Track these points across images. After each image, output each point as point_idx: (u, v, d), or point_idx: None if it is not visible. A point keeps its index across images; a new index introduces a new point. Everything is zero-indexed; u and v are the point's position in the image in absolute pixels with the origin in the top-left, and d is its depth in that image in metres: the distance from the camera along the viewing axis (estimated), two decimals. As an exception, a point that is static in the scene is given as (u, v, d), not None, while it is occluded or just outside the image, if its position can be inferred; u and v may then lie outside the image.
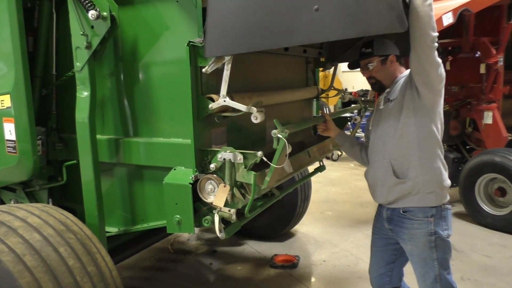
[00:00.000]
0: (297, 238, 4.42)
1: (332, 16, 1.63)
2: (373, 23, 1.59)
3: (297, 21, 1.67)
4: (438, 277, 2.09)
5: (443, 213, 2.09)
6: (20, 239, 1.72)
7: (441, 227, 2.07)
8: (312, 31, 1.67)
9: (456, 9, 4.24)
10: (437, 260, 2.07)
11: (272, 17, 1.71)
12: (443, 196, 2.10)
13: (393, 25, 1.57)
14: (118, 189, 2.39)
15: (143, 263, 3.89)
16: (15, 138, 2.24)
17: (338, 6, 1.61)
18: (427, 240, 2.06)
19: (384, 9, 1.56)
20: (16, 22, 2.13)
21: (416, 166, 2.07)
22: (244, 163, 1.89)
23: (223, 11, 1.79)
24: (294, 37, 1.71)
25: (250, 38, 1.77)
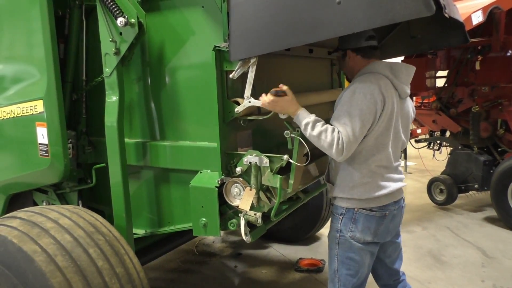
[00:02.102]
0: (322, 242, 4.38)
1: (355, 7, 1.60)
2: (399, 9, 1.55)
3: (320, 16, 1.66)
4: (337, 272, 2.14)
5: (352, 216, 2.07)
6: (52, 240, 1.77)
7: (346, 227, 2.08)
8: (336, 25, 1.65)
9: (486, 7, 4.13)
10: (338, 256, 2.12)
11: (295, 14, 1.70)
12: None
13: (420, 9, 1.53)
14: (145, 192, 2.43)
15: (169, 264, 3.94)
16: (47, 141, 2.31)
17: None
18: (334, 235, 2.14)
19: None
20: (48, 30, 2.20)
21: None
22: (270, 167, 1.89)
23: (245, 13, 1.80)
24: (318, 32, 1.69)
25: (274, 37, 1.76)
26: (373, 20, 1.60)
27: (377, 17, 1.59)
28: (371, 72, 2.04)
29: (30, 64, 2.35)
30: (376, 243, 2.14)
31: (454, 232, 4.55)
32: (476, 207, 5.35)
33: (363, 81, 1.97)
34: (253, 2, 1.78)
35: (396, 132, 2.08)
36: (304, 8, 1.68)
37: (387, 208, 2.08)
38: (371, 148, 1.99)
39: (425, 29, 2.97)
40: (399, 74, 2.07)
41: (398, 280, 2.41)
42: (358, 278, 2.13)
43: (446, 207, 5.34)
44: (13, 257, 1.71)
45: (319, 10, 1.66)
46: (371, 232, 2.07)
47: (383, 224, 2.09)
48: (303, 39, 1.75)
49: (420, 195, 5.89)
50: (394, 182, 2.09)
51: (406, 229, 4.60)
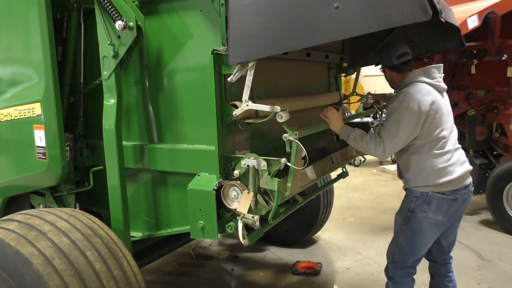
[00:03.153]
0: (319, 244, 4.39)
1: (353, 11, 1.62)
2: (396, 14, 1.57)
3: (318, 20, 1.67)
4: (399, 246, 2.49)
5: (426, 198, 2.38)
6: (49, 243, 1.76)
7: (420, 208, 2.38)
8: (334, 29, 1.66)
9: (482, 12, 4.16)
10: (404, 232, 2.47)
11: (293, 19, 1.71)
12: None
13: (417, 14, 1.55)
14: (143, 195, 2.43)
15: (166, 267, 3.93)
16: (45, 144, 2.30)
17: (358, 1, 1.61)
18: (405, 214, 2.46)
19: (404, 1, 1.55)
20: (46, 32, 2.20)
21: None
22: (267, 170, 1.89)
23: (243, 17, 1.81)
24: (316, 37, 1.70)
25: (272, 41, 1.77)
26: (371, 24, 1.62)
27: (374, 21, 1.61)
28: (410, 83, 2.40)
29: (28, 67, 2.35)
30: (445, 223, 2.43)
31: (450, 235, 4.57)
32: (472, 210, 5.38)
33: (407, 92, 2.35)
34: (252, 7, 1.79)
35: (450, 120, 2.44)
36: (302, 13, 1.69)
37: (458, 192, 2.38)
38: (432, 141, 2.34)
39: (422, 33, 3.00)
40: (433, 75, 2.42)
41: (445, 261, 2.68)
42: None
43: (442, 210, 5.36)
44: (11, 260, 1.70)
45: (317, 15, 1.67)
46: (442, 212, 2.36)
47: (454, 206, 2.38)
48: (301, 43, 1.76)
49: (416, 198, 5.90)
50: (460, 165, 2.40)
51: (402, 232, 4.61)
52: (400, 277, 2.52)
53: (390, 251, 2.55)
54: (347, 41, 3.32)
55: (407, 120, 2.27)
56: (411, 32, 3.05)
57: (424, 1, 1.54)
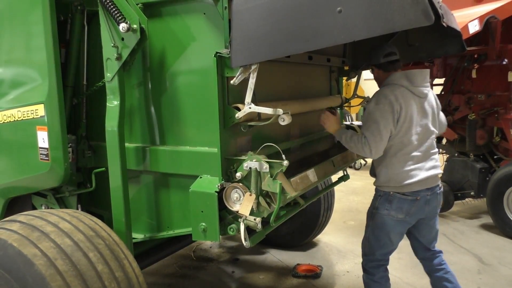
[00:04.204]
0: (319, 247, 4.39)
1: (356, 16, 1.63)
2: (398, 19, 1.58)
3: (321, 24, 1.68)
4: (368, 240, 2.69)
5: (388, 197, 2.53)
6: (52, 244, 1.77)
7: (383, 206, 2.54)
8: (336, 33, 1.68)
9: (483, 17, 4.18)
10: (370, 227, 2.66)
11: (296, 22, 1.72)
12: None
13: (419, 19, 1.57)
14: (145, 196, 2.43)
15: (166, 269, 3.93)
16: (48, 145, 2.31)
17: (361, 6, 1.62)
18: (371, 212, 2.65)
19: (408, 3, 1.56)
20: (50, 34, 2.22)
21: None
22: (269, 172, 1.90)
23: (246, 21, 1.82)
24: (319, 40, 1.71)
25: (274, 45, 1.78)
26: (373, 29, 1.63)
27: (377, 26, 1.62)
28: (388, 84, 2.50)
29: (32, 68, 2.36)
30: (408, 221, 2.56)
31: (450, 239, 4.57)
32: (472, 214, 5.38)
33: (381, 93, 2.47)
34: (255, 10, 1.80)
35: (424, 126, 2.50)
36: (305, 16, 1.70)
37: (419, 193, 2.48)
38: (397, 145, 2.45)
39: (423, 37, 3.01)
40: (414, 80, 2.49)
41: (434, 255, 2.79)
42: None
43: (443, 214, 5.36)
44: (13, 260, 1.71)
45: (319, 19, 1.68)
46: (403, 211, 2.50)
47: (415, 206, 2.49)
48: (304, 47, 1.77)
49: (416, 201, 5.91)
50: (425, 170, 2.48)
51: (403, 236, 4.62)
52: (371, 268, 2.69)
53: (362, 244, 2.76)
54: (348, 44, 3.33)
55: (384, 120, 2.38)
56: (412, 36, 3.06)
57: (427, 6, 1.55)
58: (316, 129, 3.09)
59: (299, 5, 1.71)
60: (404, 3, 1.57)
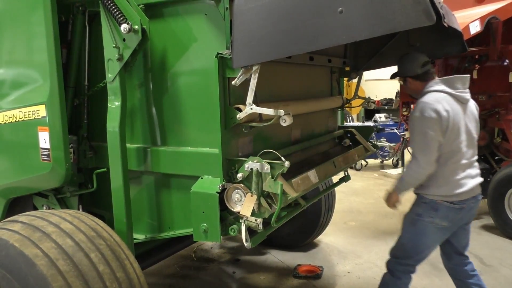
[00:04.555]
0: (320, 248, 4.39)
1: (357, 16, 1.63)
2: (400, 19, 1.59)
3: (322, 24, 1.68)
4: (404, 245, 2.60)
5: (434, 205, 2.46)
6: (53, 244, 1.78)
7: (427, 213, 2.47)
8: (338, 33, 1.68)
9: (484, 17, 4.17)
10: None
11: (297, 23, 1.72)
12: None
13: (420, 19, 1.57)
14: (146, 197, 2.43)
15: (167, 270, 3.93)
16: (49, 146, 2.32)
17: (362, 6, 1.62)
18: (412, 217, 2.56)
19: (409, 3, 1.56)
20: (52, 35, 2.22)
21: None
22: (271, 173, 1.90)
23: (248, 21, 1.82)
24: (320, 41, 1.71)
25: (276, 45, 1.78)
26: (375, 29, 1.63)
27: (378, 26, 1.62)
28: (429, 92, 2.44)
29: (33, 69, 2.36)
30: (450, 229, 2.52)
31: (451, 240, 4.56)
32: (473, 215, 5.37)
33: (425, 102, 2.39)
34: (256, 11, 1.80)
35: (469, 133, 2.46)
36: (307, 17, 1.70)
37: (466, 202, 2.45)
38: (447, 153, 2.40)
39: (424, 38, 3.01)
40: (455, 85, 2.44)
41: (467, 261, 2.73)
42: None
43: (444, 214, 5.35)
44: (15, 261, 1.71)
45: (321, 19, 1.68)
46: (449, 219, 2.46)
47: (460, 214, 2.47)
48: (305, 47, 1.77)
49: (417, 202, 5.91)
50: (472, 179, 2.47)
51: (403, 236, 4.61)
52: (400, 272, 2.62)
53: (395, 247, 2.65)
54: (349, 45, 3.33)
55: (431, 131, 2.33)
56: (413, 37, 3.06)
57: (428, 6, 1.55)
58: (317, 130, 3.10)
59: (300, 5, 1.71)
60: (405, 3, 1.57)
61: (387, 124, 8.98)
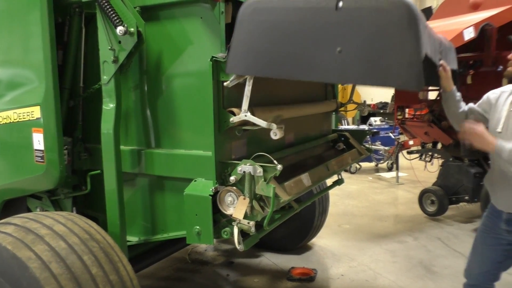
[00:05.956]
0: (314, 251, 4.40)
1: (354, 61, 1.64)
2: (391, 76, 1.62)
3: (319, 58, 1.70)
4: None
5: None
6: (46, 247, 1.77)
7: None
8: (331, 71, 1.70)
9: (478, 24, 4.21)
10: None
11: (297, 49, 1.73)
12: None
13: (410, 83, 1.60)
14: (140, 199, 2.44)
15: (161, 272, 3.93)
16: (43, 148, 2.32)
17: (361, 53, 1.63)
18: None
19: (404, 64, 1.59)
20: (48, 36, 2.22)
21: None
22: (263, 176, 1.91)
23: (249, 32, 1.82)
24: (314, 73, 1.73)
25: (271, 64, 1.80)
26: (366, 79, 1.66)
27: (370, 77, 1.65)
28: None
29: (29, 70, 2.37)
30: None
31: (444, 243, 4.59)
32: (466, 218, 5.41)
33: None
34: (261, 24, 1.79)
35: None
36: (307, 47, 1.70)
37: None
38: None
39: None
40: None
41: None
42: None
43: (437, 218, 5.39)
44: (7, 263, 1.71)
45: (319, 52, 1.69)
46: None
47: None
48: (298, 75, 1.78)
49: (411, 205, 5.94)
50: None
51: (397, 239, 4.64)
52: None
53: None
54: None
55: None
56: None
57: (420, 73, 1.57)
58: (311, 133, 3.11)
59: (304, 33, 1.71)
60: (401, 61, 1.59)
61: (382, 127, 9.02)
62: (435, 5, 10.60)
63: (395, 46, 1.58)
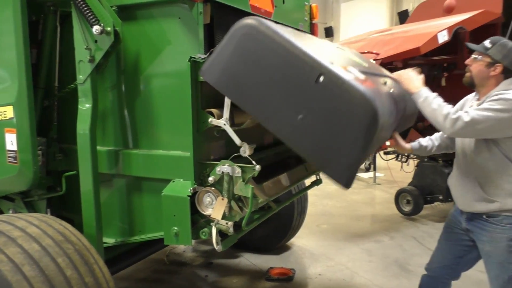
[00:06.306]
0: (293, 251, 4.43)
1: (308, 134, 1.71)
2: (329, 167, 1.72)
3: (281, 114, 1.73)
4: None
5: None
6: (19, 249, 1.73)
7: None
8: (286, 131, 1.75)
9: (451, 27, 4.33)
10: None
11: (267, 93, 1.75)
12: None
13: (341, 180, 1.72)
14: (117, 200, 2.41)
15: (138, 274, 3.88)
16: (16, 148, 2.26)
17: (317, 131, 1.69)
18: (507, 244, 2.17)
19: (344, 163, 1.69)
20: (21, 34, 2.17)
21: (505, 188, 2.16)
22: (242, 177, 1.92)
23: (234, 53, 1.79)
24: (271, 124, 1.77)
25: (240, 92, 1.80)
26: (311, 155, 1.75)
27: (314, 155, 1.74)
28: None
29: (1, 69, 2.31)
30: None
31: (419, 242, 4.69)
32: (440, 218, 5.54)
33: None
34: (246, 50, 1.77)
35: None
36: (277, 97, 1.73)
37: None
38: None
39: None
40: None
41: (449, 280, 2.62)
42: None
43: (413, 217, 5.50)
44: (-22, 266, 1.67)
45: (284, 109, 1.73)
46: None
47: None
48: (259, 117, 1.81)
49: (388, 205, 6.05)
50: None
51: (374, 239, 4.72)
52: None
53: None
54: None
55: (506, 117, 2.04)
56: None
57: (352, 178, 1.71)
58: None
59: (280, 84, 1.72)
60: (344, 158, 1.68)
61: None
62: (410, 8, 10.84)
63: (346, 143, 1.67)
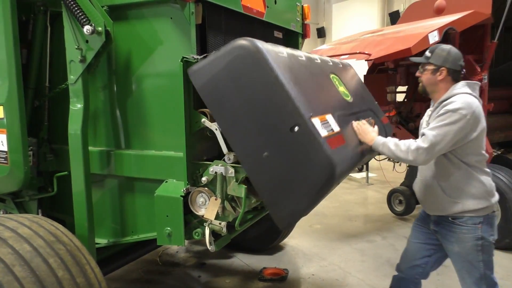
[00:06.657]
0: (286, 251, 4.44)
1: (266, 171, 1.77)
2: (276, 207, 1.81)
3: (249, 143, 1.80)
4: (483, 276, 2.28)
5: (490, 220, 2.28)
6: (10, 250, 1.72)
7: (488, 233, 2.26)
8: (248, 160, 1.81)
9: (442, 28, 4.37)
10: (483, 261, 2.27)
11: (244, 118, 1.80)
12: (490, 205, 2.28)
13: (279, 223, 1.84)
14: (109, 201, 2.40)
15: (131, 275, 3.86)
16: (7, 149, 2.24)
17: (277, 173, 1.76)
18: (474, 244, 2.25)
19: (289, 209, 1.79)
20: (10, 34, 2.16)
21: (465, 190, 2.25)
22: (235, 177, 1.92)
23: (225, 68, 1.82)
24: (237, 148, 1.85)
25: (219, 107, 1.85)
26: (262, 190, 1.82)
27: (265, 192, 1.82)
28: (463, 93, 2.23)
29: (-10, 69, 2.29)
30: None
31: (411, 241, 4.72)
32: (432, 217, 5.58)
33: (462, 100, 2.17)
34: (237, 70, 1.80)
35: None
36: (251, 124, 1.79)
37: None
38: (479, 154, 2.26)
39: None
40: (476, 90, 2.31)
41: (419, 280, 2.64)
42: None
43: (405, 217, 5.54)
44: (-32, 267, 1.65)
45: (254, 138, 1.79)
46: (496, 231, 2.32)
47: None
48: (228, 136, 1.87)
49: (380, 205, 6.08)
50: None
51: (366, 239, 4.74)
52: None
53: (477, 286, 2.31)
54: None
55: (459, 130, 2.13)
56: None
57: (292, 224, 1.85)
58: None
59: (259, 113, 1.78)
60: (292, 206, 1.79)
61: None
62: (402, 9, 10.91)
63: (299, 193, 1.75)
